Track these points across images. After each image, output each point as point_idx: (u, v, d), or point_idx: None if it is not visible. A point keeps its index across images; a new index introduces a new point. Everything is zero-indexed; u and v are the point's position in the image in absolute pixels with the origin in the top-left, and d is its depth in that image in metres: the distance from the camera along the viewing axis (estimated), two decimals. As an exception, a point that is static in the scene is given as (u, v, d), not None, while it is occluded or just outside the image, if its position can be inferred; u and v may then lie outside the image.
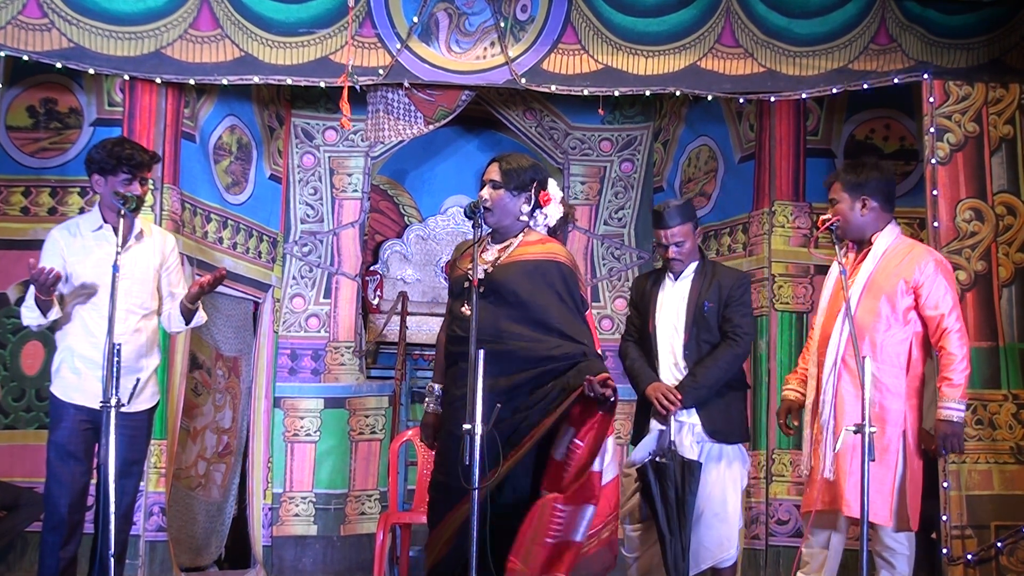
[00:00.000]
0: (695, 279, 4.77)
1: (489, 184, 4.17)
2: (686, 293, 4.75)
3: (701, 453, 4.64)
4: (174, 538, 5.69)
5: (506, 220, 4.19)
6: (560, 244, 4.35)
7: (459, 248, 4.37)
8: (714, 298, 4.70)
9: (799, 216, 6.07)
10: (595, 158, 7.21)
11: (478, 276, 3.91)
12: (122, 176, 4.38)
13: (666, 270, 4.84)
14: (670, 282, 4.81)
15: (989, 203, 5.57)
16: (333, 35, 5.61)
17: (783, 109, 6.10)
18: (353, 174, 7.02)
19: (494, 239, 4.25)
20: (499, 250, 4.19)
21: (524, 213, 4.20)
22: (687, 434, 4.65)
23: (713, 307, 4.69)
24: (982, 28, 5.70)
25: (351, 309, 6.93)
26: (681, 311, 4.73)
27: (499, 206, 4.15)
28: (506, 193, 4.16)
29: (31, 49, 5.37)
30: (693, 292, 4.74)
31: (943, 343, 4.29)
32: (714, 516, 4.63)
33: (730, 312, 4.70)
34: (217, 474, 6.26)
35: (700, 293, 4.73)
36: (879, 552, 4.37)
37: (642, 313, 4.85)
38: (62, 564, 4.30)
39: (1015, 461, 5.38)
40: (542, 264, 4.14)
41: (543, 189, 4.26)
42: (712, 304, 4.69)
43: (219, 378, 6.36)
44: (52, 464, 4.32)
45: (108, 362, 3.89)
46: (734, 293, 4.73)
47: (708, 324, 4.69)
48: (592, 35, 5.69)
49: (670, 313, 4.77)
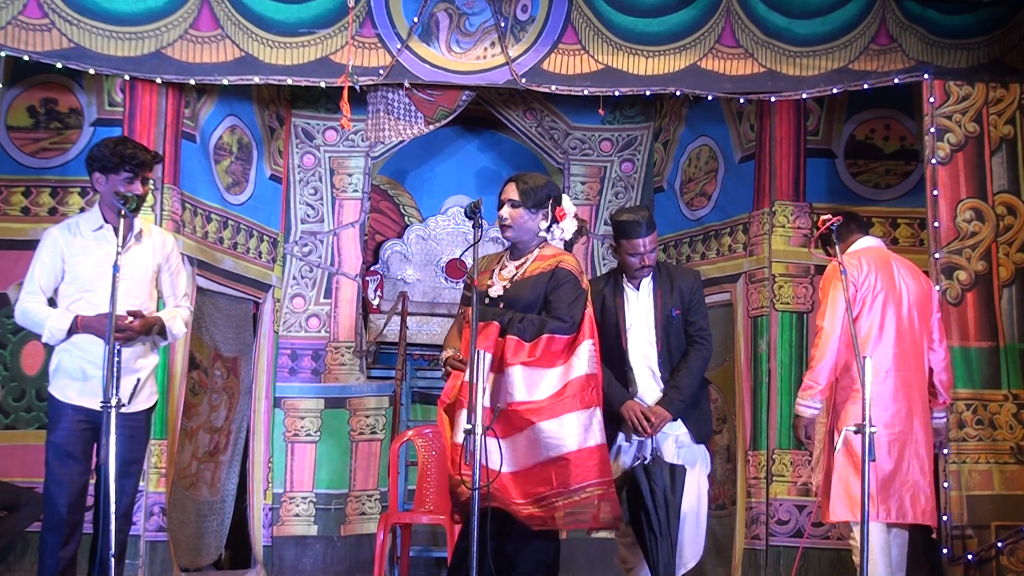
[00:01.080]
0: (655, 286, 4.81)
1: (508, 203, 4.36)
2: (650, 303, 4.79)
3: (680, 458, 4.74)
4: (174, 538, 5.69)
5: (525, 236, 4.39)
6: (572, 256, 4.48)
7: (482, 262, 4.52)
8: (678, 304, 4.77)
9: (799, 216, 6.07)
10: (595, 158, 7.21)
11: (498, 293, 4.27)
12: (124, 175, 4.37)
13: (619, 278, 4.85)
14: (632, 292, 4.82)
15: (989, 203, 5.57)
16: (333, 35, 5.62)
17: (783, 109, 6.10)
18: (353, 174, 7.02)
19: (512, 255, 4.44)
20: (516, 267, 4.38)
21: (542, 229, 4.39)
22: (670, 443, 4.73)
23: (680, 314, 4.77)
24: (982, 28, 5.70)
25: (351, 309, 6.93)
26: (650, 323, 4.78)
27: (518, 224, 4.36)
28: (524, 211, 4.35)
29: (31, 49, 5.38)
30: (658, 300, 4.78)
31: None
32: (682, 519, 4.71)
33: (693, 316, 4.79)
34: (207, 473, 6.26)
35: (665, 301, 4.77)
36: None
37: (607, 324, 4.77)
38: (62, 564, 4.29)
39: (1015, 461, 5.38)
40: (547, 272, 4.32)
41: (558, 205, 4.42)
42: (679, 311, 4.77)
43: (216, 378, 6.36)
44: (51, 464, 4.32)
45: (108, 362, 3.89)
46: (694, 297, 4.81)
47: (677, 331, 4.77)
48: (592, 35, 5.69)
49: (640, 327, 4.79)
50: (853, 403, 4.47)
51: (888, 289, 4.61)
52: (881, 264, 4.67)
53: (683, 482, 4.61)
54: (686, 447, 4.78)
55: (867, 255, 4.69)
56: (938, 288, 5.44)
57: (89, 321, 4.26)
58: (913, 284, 4.70)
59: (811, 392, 4.55)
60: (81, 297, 4.35)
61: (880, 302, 4.59)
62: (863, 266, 4.61)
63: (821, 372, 4.51)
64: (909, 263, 4.83)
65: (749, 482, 5.99)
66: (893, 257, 4.77)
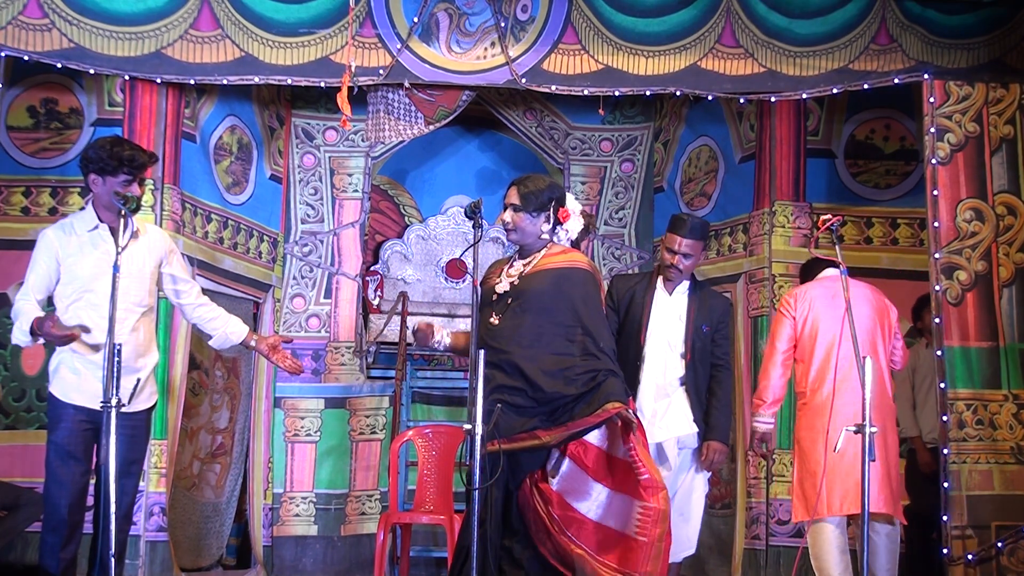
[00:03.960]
0: (691, 298, 5.00)
1: (510, 208, 4.37)
2: (683, 312, 4.97)
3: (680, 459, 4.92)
4: (174, 539, 5.69)
5: (528, 239, 4.41)
6: (582, 254, 4.55)
7: (491, 267, 4.58)
8: (709, 321, 4.97)
9: (799, 216, 6.07)
10: (595, 158, 7.21)
11: (505, 289, 4.28)
12: (123, 177, 4.34)
13: (655, 278, 5.04)
14: (664, 294, 5.00)
15: (989, 203, 5.56)
16: (333, 35, 5.62)
17: (783, 109, 6.10)
18: (353, 174, 7.02)
19: (520, 256, 4.46)
20: (524, 264, 4.40)
21: (545, 231, 4.40)
22: (672, 446, 4.90)
23: (708, 331, 4.96)
24: (982, 28, 5.70)
25: (351, 309, 6.93)
26: (678, 329, 4.96)
27: (520, 228, 4.38)
28: (526, 215, 4.36)
29: (31, 49, 5.38)
30: (691, 311, 4.97)
31: None
32: (680, 517, 4.83)
33: (720, 340, 5.02)
34: (211, 474, 6.26)
35: (699, 315, 4.96)
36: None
37: (630, 318, 4.99)
38: (62, 564, 4.29)
39: (1015, 461, 5.38)
40: (565, 271, 4.34)
41: (562, 206, 4.44)
42: (708, 328, 4.96)
43: (217, 379, 6.36)
44: (52, 465, 4.31)
45: (108, 362, 3.89)
46: (723, 320, 5.05)
47: (704, 346, 4.95)
48: (592, 35, 5.69)
49: (664, 328, 4.97)
50: (801, 411, 4.99)
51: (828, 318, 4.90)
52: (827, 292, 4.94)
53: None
54: (687, 448, 4.92)
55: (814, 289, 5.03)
56: (938, 288, 5.45)
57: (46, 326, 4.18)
58: (866, 308, 4.92)
59: (760, 409, 4.99)
60: (80, 297, 4.34)
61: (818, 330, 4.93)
62: (806, 298, 5.00)
63: (763, 391, 4.98)
64: (868, 289, 5.06)
65: (749, 482, 5.99)
66: (855, 285, 4.83)
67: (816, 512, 4.75)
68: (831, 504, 4.73)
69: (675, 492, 4.84)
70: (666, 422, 4.88)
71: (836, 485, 4.72)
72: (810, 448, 4.85)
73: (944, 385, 5.39)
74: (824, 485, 4.68)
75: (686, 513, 4.91)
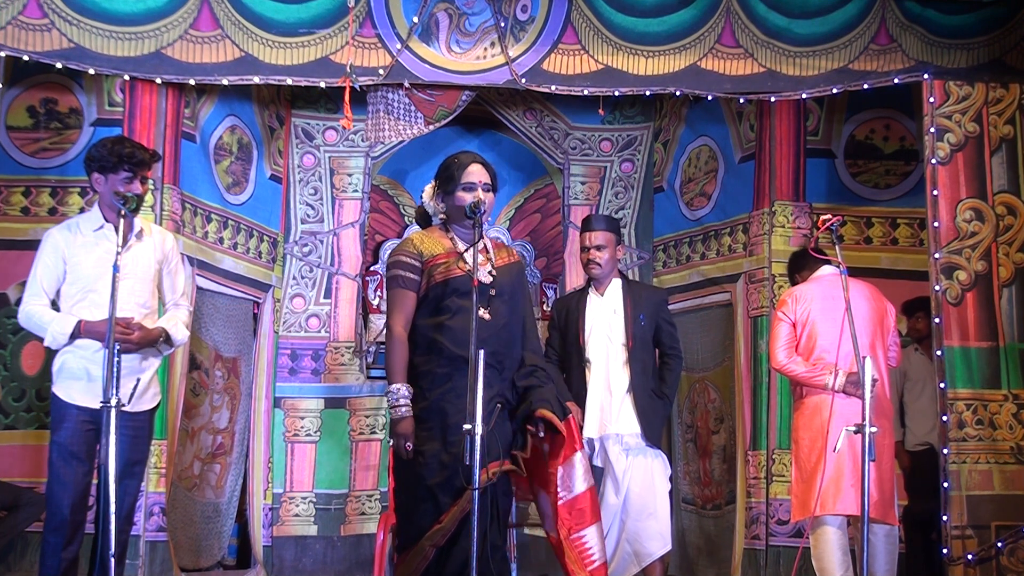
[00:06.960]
0: (624, 292, 5.24)
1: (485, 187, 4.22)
2: (618, 305, 5.21)
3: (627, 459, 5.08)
4: (176, 539, 5.69)
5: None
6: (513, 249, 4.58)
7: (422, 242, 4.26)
8: (645, 311, 5.17)
9: (799, 216, 6.07)
10: (595, 158, 7.21)
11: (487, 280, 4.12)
12: (123, 175, 4.35)
13: (587, 287, 5.31)
14: (596, 296, 5.27)
15: (989, 203, 5.57)
16: (333, 35, 5.62)
17: (783, 109, 6.10)
18: (353, 174, 7.02)
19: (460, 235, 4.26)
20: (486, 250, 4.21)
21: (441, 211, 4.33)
22: (614, 443, 5.09)
23: (646, 321, 5.15)
24: (982, 28, 5.71)
25: (351, 309, 6.93)
26: (615, 324, 5.18)
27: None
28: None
29: (31, 49, 5.37)
30: (626, 303, 5.19)
31: None
32: (649, 516, 5.03)
33: (664, 331, 5.24)
34: (211, 475, 6.25)
35: (635, 307, 5.16)
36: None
37: (569, 331, 5.23)
38: (64, 565, 4.29)
39: (1015, 461, 5.38)
40: (518, 266, 4.34)
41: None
42: (645, 317, 5.15)
43: (217, 379, 6.35)
44: (55, 465, 4.30)
45: (108, 362, 3.89)
46: (662, 311, 5.27)
47: (644, 336, 5.16)
48: (592, 35, 5.70)
49: (601, 323, 5.20)
50: (800, 411, 5.00)
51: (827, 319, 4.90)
52: (825, 293, 4.96)
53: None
54: (633, 449, 5.10)
55: (811, 290, 5.03)
56: (938, 288, 5.45)
57: (92, 326, 4.24)
58: (864, 307, 4.94)
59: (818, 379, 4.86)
60: (84, 297, 4.34)
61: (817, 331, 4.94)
62: (802, 299, 5.01)
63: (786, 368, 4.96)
64: (867, 288, 5.07)
65: (749, 482, 5.99)
66: (853, 284, 4.81)
67: (813, 510, 4.74)
68: (824, 503, 4.74)
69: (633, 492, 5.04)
70: (610, 418, 5.09)
71: (832, 485, 4.73)
72: (809, 448, 4.86)
73: (944, 385, 5.40)
74: (821, 484, 4.69)
75: (652, 509, 5.05)
